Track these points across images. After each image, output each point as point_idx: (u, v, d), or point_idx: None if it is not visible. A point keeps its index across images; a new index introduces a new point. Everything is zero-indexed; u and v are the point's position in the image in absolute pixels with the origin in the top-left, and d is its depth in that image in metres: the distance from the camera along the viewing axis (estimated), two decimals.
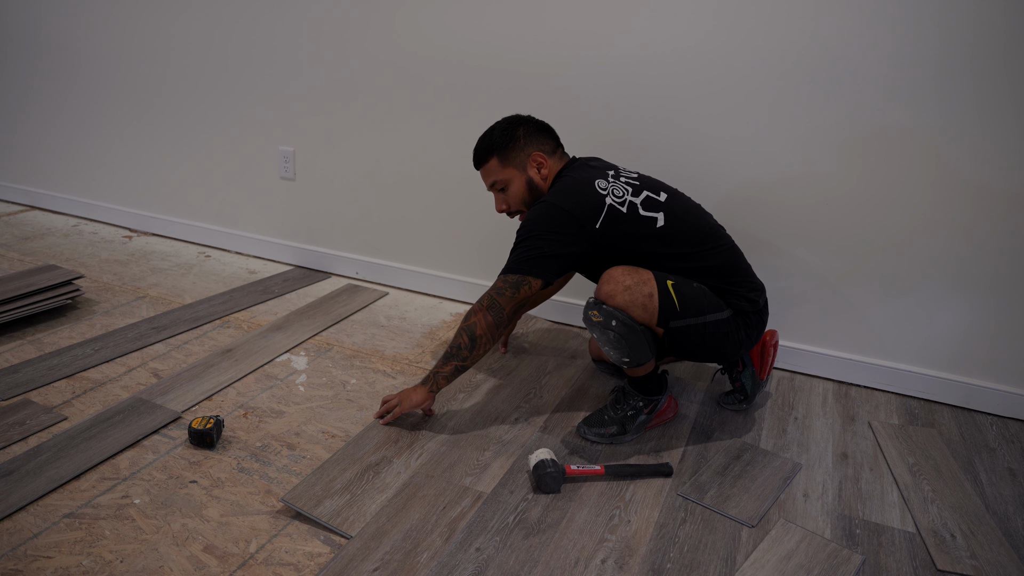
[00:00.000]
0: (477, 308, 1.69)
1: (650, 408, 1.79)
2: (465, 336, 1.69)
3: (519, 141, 1.78)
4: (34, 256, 2.87)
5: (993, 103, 1.83)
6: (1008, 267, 1.92)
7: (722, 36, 2.02)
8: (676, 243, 1.70)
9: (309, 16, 2.55)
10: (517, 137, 1.78)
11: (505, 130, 1.79)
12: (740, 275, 1.75)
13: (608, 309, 1.61)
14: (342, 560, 1.35)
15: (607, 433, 1.77)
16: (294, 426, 1.78)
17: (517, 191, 1.81)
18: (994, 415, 2.02)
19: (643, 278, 1.63)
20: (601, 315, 1.62)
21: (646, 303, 1.61)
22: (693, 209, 1.78)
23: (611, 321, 1.61)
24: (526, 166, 1.79)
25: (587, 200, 1.67)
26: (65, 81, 3.20)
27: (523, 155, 1.78)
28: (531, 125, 1.81)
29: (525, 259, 1.66)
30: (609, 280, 1.63)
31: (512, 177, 1.80)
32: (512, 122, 1.81)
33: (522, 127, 1.80)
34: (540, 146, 1.79)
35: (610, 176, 1.74)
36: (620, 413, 1.78)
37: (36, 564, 1.30)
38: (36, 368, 1.98)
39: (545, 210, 1.68)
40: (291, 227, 2.90)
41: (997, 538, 1.51)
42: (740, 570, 1.38)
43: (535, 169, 1.79)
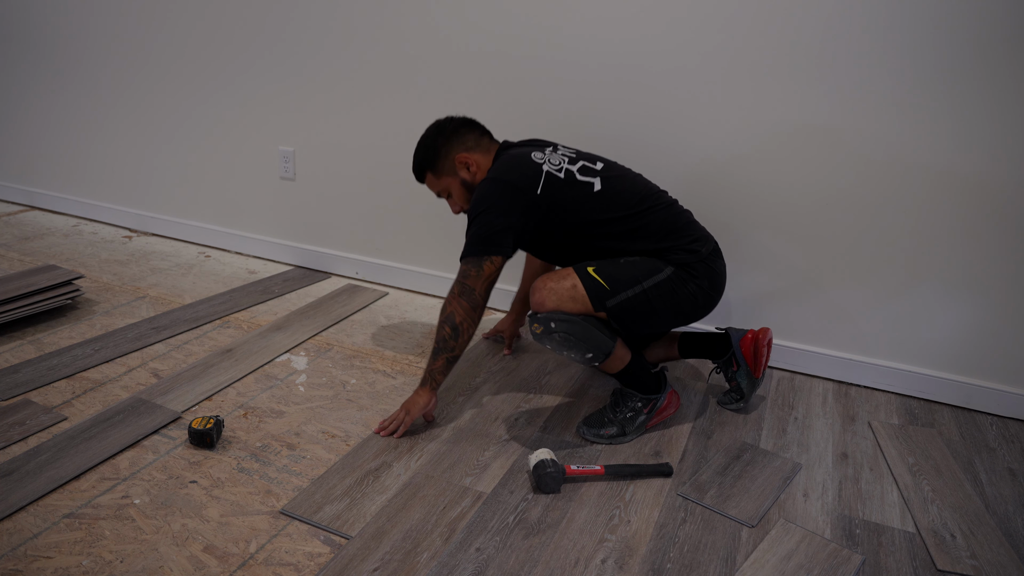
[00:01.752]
0: (450, 298, 1.72)
1: (649, 407, 1.79)
2: (447, 328, 1.72)
3: (440, 151, 1.84)
4: (34, 256, 2.87)
5: (994, 103, 1.82)
6: (1008, 267, 1.92)
7: (715, 26, 2.02)
8: (613, 206, 1.73)
9: (309, 17, 2.55)
10: (438, 148, 1.84)
11: (427, 145, 1.86)
12: (680, 230, 1.76)
13: (543, 316, 1.65)
14: (342, 560, 1.35)
15: (606, 434, 1.78)
16: (294, 426, 1.78)
17: (458, 194, 1.87)
18: (994, 415, 2.02)
19: (562, 275, 1.68)
20: (540, 324, 1.65)
21: (572, 295, 1.65)
22: (629, 175, 1.83)
23: (550, 324, 1.64)
24: (456, 170, 1.84)
25: (524, 170, 1.72)
26: (65, 81, 3.20)
27: (448, 162, 1.84)
28: (447, 129, 1.85)
29: (479, 239, 1.70)
30: (534, 291, 1.68)
31: (449, 183, 1.87)
32: (429, 134, 1.87)
33: (439, 136, 1.85)
34: (461, 146, 1.84)
35: (547, 150, 1.80)
36: (620, 415, 1.79)
37: (36, 564, 1.30)
38: (36, 368, 1.98)
39: (487, 187, 1.72)
40: (291, 227, 2.90)
41: (997, 538, 1.51)
42: (740, 570, 1.38)
43: (464, 170, 1.84)
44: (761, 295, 2.20)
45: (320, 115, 2.67)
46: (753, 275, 2.19)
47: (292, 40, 2.62)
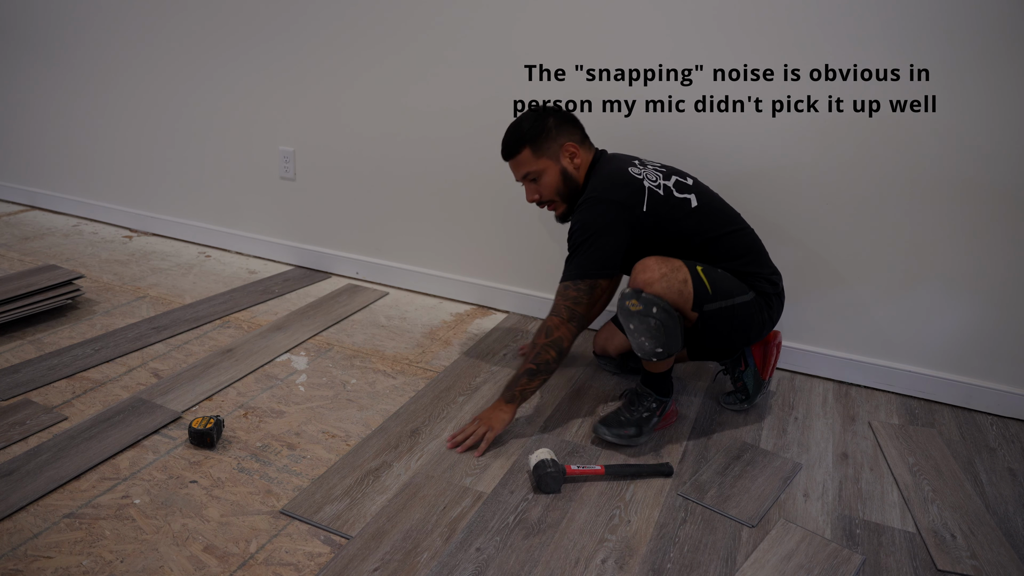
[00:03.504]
0: (558, 322, 1.69)
1: (660, 409, 1.80)
2: (552, 351, 1.69)
3: (551, 132, 1.77)
4: (34, 256, 2.87)
5: (994, 102, 1.82)
6: (1008, 267, 1.92)
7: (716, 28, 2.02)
8: (709, 223, 1.75)
9: (310, 17, 2.55)
10: (548, 128, 1.77)
11: (536, 121, 1.78)
12: (760, 258, 1.81)
13: (648, 297, 1.62)
14: (342, 560, 1.35)
15: (626, 434, 1.76)
16: (294, 426, 1.78)
17: (551, 181, 1.80)
18: (994, 415, 2.02)
19: (675, 265, 1.66)
20: (641, 303, 1.62)
21: (682, 289, 1.64)
22: (716, 196, 1.84)
23: (652, 308, 1.62)
24: (559, 156, 1.78)
25: (629, 186, 1.71)
26: (65, 81, 3.20)
27: (556, 145, 1.78)
28: (560, 115, 1.81)
29: (593, 262, 1.68)
30: (644, 269, 1.64)
31: (546, 168, 1.79)
32: (541, 112, 1.80)
33: (552, 117, 1.79)
34: (570, 136, 1.79)
35: (638, 164, 1.78)
36: (636, 415, 1.78)
37: (36, 564, 1.30)
38: (36, 368, 1.98)
39: (595, 207, 1.69)
40: (291, 227, 2.90)
41: (997, 538, 1.51)
42: (740, 570, 1.38)
43: (568, 159, 1.79)
44: None
45: (320, 115, 2.67)
46: None
47: (293, 40, 2.62)
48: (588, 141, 1.86)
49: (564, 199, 1.83)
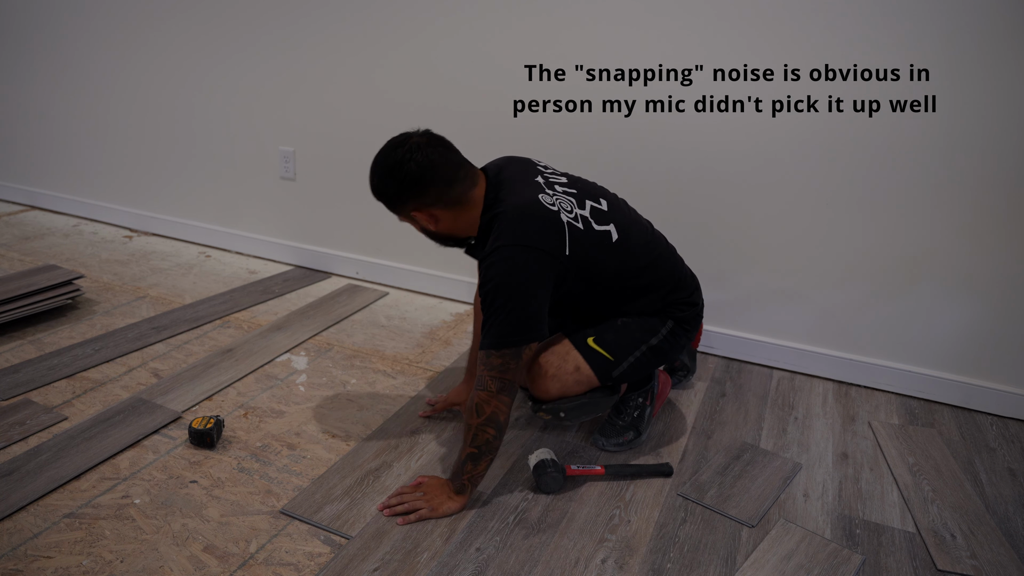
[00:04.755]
0: (487, 396, 1.43)
1: (649, 397, 1.78)
2: (490, 430, 1.45)
3: (394, 201, 1.52)
4: (34, 256, 2.87)
5: (995, 102, 1.82)
6: (1008, 267, 1.92)
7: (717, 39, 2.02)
8: (631, 260, 1.57)
9: (310, 17, 2.55)
10: (390, 196, 1.51)
11: (379, 189, 1.52)
12: (683, 281, 1.68)
13: (549, 406, 1.60)
14: (342, 560, 1.35)
15: (625, 441, 1.75)
16: (294, 426, 1.78)
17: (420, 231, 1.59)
18: (994, 415, 2.02)
19: (560, 353, 1.57)
20: (548, 414, 1.62)
21: (577, 377, 1.57)
22: (631, 214, 1.67)
23: (559, 413, 1.61)
24: (413, 219, 1.54)
25: (547, 226, 1.45)
26: (65, 81, 3.20)
27: (404, 208, 1.52)
28: (399, 176, 1.47)
29: (515, 327, 1.41)
30: (534, 378, 1.58)
31: (411, 222, 1.56)
32: (381, 170, 1.51)
33: (391, 183, 1.49)
34: (419, 202, 1.49)
35: (545, 187, 1.52)
36: (628, 417, 1.76)
37: (36, 564, 1.30)
38: (36, 368, 1.98)
39: (514, 256, 1.41)
40: (291, 227, 2.90)
41: (997, 538, 1.51)
42: (740, 570, 1.38)
43: (423, 222, 1.54)
44: (761, 295, 2.20)
45: (320, 115, 2.67)
46: (753, 275, 2.19)
47: (293, 40, 2.62)
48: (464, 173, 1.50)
49: (453, 243, 1.60)
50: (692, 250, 2.21)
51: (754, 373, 2.20)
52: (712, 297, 2.25)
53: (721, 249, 2.20)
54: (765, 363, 2.24)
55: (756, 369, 2.22)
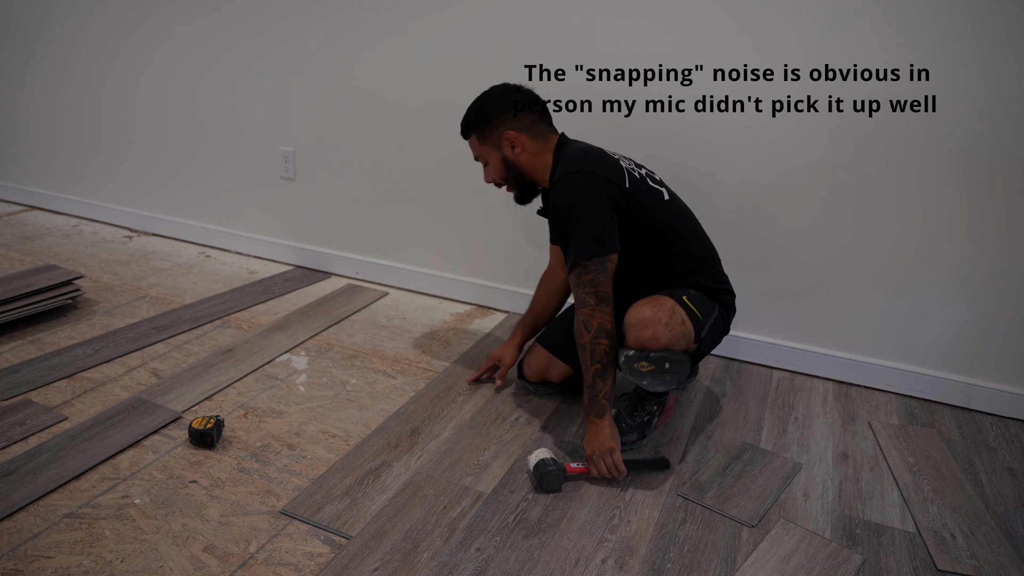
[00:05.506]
0: (590, 311, 1.57)
1: (660, 409, 1.78)
2: (604, 340, 1.57)
3: (492, 120, 1.74)
4: (34, 256, 2.87)
5: (995, 102, 1.83)
6: (1008, 267, 1.92)
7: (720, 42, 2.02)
8: (680, 219, 1.74)
9: (311, 17, 2.55)
10: (491, 115, 1.74)
11: (481, 108, 1.76)
12: (719, 267, 1.80)
13: (657, 355, 1.56)
14: (342, 560, 1.35)
15: (629, 441, 1.73)
16: (294, 426, 1.79)
17: (495, 167, 1.79)
18: (994, 415, 2.02)
19: (670, 306, 1.59)
20: (652, 363, 1.56)
21: (684, 331, 1.59)
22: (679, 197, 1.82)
23: (664, 364, 1.56)
24: (500, 144, 1.75)
25: (607, 163, 1.66)
26: (65, 81, 3.20)
27: (496, 134, 1.74)
28: (509, 100, 1.74)
29: (597, 238, 1.57)
30: (643, 324, 1.56)
31: (490, 154, 1.77)
32: (489, 97, 1.76)
33: (497, 104, 1.74)
34: (515, 124, 1.73)
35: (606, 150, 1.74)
36: (638, 419, 1.75)
37: (36, 564, 1.30)
38: (36, 368, 1.98)
39: (580, 179, 1.61)
40: (291, 227, 2.90)
41: (997, 538, 1.51)
42: (740, 570, 1.38)
43: (509, 148, 1.75)
44: (761, 295, 2.20)
45: (320, 115, 2.67)
46: (753, 274, 2.19)
47: (293, 39, 2.62)
48: (546, 125, 1.78)
49: (513, 185, 1.81)
50: None
51: (754, 373, 2.20)
52: None
53: (721, 249, 2.18)
54: (765, 363, 2.24)
55: (756, 369, 2.22)
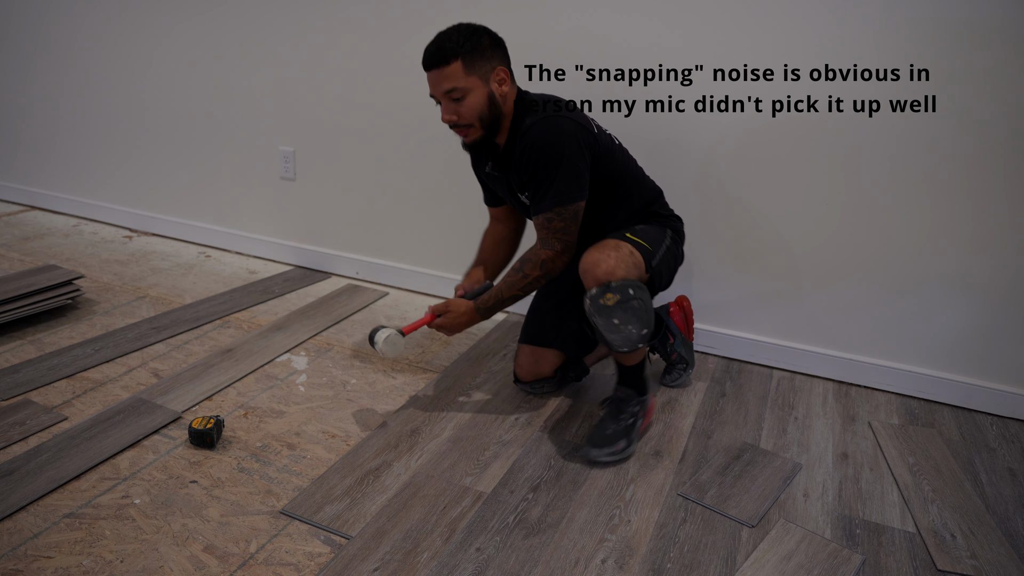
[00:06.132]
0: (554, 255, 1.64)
1: (642, 410, 1.76)
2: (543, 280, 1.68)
3: (486, 51, 1.62)
4: (34, 256, 2.87)
5: (995, 102, 1.82)
6: (1008, 267, 1.92)
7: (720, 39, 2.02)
8: (629, 161, 1.79)
9: (311, 17, 2.55)
10: (484, 45, 1.62)
11: (471, 35, 1.61)
12: (663, 195, 1.89)
13: (618, 284, 1.56)
14: (342, 560, 1.35)
15: (618, 450, 1.68)
16: (294, 426, 1.79)
17: (476, 103, 1.62)
18: (994, 415, 2.02)
19: (612, 244, 1.62)
20: (616, 293, 1.55)
21: (634, 260, 1.62)
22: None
23: (628, 291, 1.55)
24: (489, 79, 1.63)
25: (578, 112, 1.67)
26: (65, 81, 3.20)
27: (489, 66, 1.62)
28: (494, 37, 1.66)
29: (572, 185, 1.60)
30: (596, 263, 1.59)
31: (474, 87, 1.61)
32: (477, 29, 1.63)
33: (489, 37, 1.64)
34: (503, 61, 1.67)
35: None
36: (623, 423, 1.71)
37: (36, 564, 1.30)
38: (36, 368, 1.98)
39: (558, 124, 1.60)
40: (291, 227, 2.90)
41: (997, 538, 1.51)
42: (740, 570, 1.38)
43: (497, 84, 1.64)
44: (761, 294, 2.20)
45: (320, 115, 2.67)
46: (753, 274, 2.19)
47: (293, 39, 2.62)
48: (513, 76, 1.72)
49: (483, 126, 1.66)
50: (693, 250, 2.22)
51: (754, 373, 2.20)
52: (712, 297, 2.25)
53: (721, 249, 2.20)
54: (765, 363, 2.24)
55: (756, 369, 2.22)
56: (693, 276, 2.26)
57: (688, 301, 2.11)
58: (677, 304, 2.10)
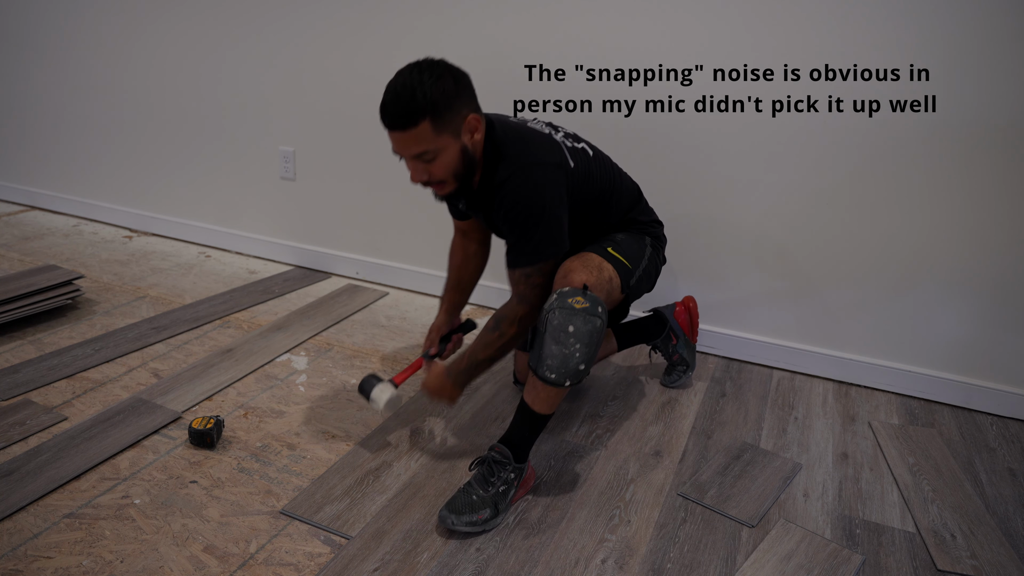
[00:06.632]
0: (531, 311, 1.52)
1: (518, 479, 1.52)
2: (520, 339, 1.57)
3: (454, 100, 1.38)
4: (34, 256, 2.87)
5: (994, 102, 1.82)
6: (1008, 267, 1.92)
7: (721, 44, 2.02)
8: (604, 169, 1.65)
9: (310, 17, 2.55)
10: (451, 94, 1.37)
11: (435, 82, 1.35)
12: (642, 196, 1.77)
13: (593, 296, 1.42)
14: (342, 560, 1.35)
15: (479, 520, 1.43)
16: (294, 426, 1.79)
17: (449, 162, 1.42)
18: (994, 415, 2.02)
19: (596, 263, 1.52)
20: (588, 301, 1.41)
21: (610, 287, 1.54)
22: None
23: (597, 308, 1.41)
24: (461, 131, 1.41)
25: (547, 144, 1.51)
26: (65, 81, 3.20)
27: (459, 117, 1.40)
28: (456, 74, 1.40)
29: (552, 239, 1.48)
30: (574, 270, 1.48)
31: (446, 145, 1.40)
32: (438, 71, 1.37)
33: (451, 78, 1.38)
34: (471, 104, 1.43)
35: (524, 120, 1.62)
36: (492, 490, 1.47)
37: (36, 564, 1.30)
38: (36, 368, 1.98)
39: (530, 177, 1.45)
40: (291, 227, 2.90)
41: (997, 538, 1.51)
42: (740, 570, 1.38)
43: (470, 135, 1.43)
44: (761, 295, 2.20)
45: (320, 115, 2.67)
46: (753, 274, 2.19)
47: (293, 39, 2.62)
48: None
49: (457, 180, 1.48)
50: (693, 249, 2.22)
51: (754, 373, 2.20)
52: (712, 297, 2.25)
53: (722, 249, 2.20)
54: (765, 363, 2.24)
55: (756, 369, 2.22)
56: (693, 276, 2.26)
57: (694, 302, 2.07)
58: (683, 305, 2.06)
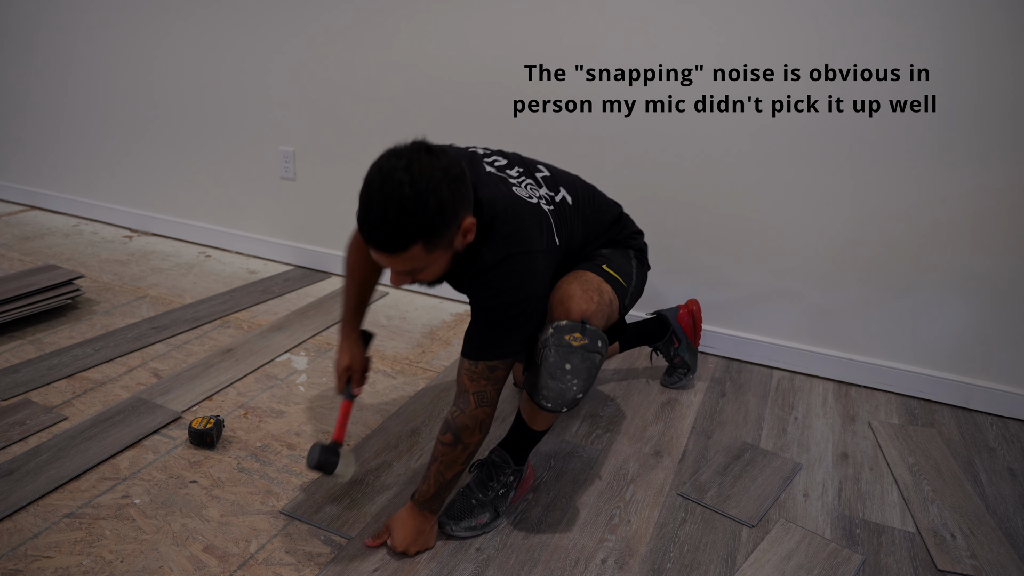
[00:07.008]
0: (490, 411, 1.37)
1: (517, 480, 1.51)
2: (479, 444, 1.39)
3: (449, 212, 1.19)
4: (34, 256, 2.87)
5: (994, 102, 1.82)
6: (1008, 267, 1.92)
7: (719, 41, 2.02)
8: (590, 211, 1.54)
9: (310, 17, 2.55)
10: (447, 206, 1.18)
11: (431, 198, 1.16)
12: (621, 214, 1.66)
13: (592, 329, 1.33)
14: (342, 560, 1.35)
15: (479, 524, 1.44)
16: (294, 426, 1.79)
17: (439, 270, 1.29)
18: (994, 415, 2.02)
19: (595, 284, 1.42)
20: (586, 336, 1.32)
21: (609, 312, 1.44)
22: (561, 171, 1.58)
23: (597, 342, 1.32)
24: (455, 239, 1.25)
25: (536, 221, 1.35)
26: (65, 81, 3.20)
27: (455, 227, 1.22)
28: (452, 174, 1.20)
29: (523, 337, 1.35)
30: (573, 299, 1.36)
31: (436, 259, 1.25)
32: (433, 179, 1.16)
33: (446, 186, 1.17)
34: (466, 201, 1.24)
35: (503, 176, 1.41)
36: (491, 493, 1.46)
37: (36, 564, 1.30)
38: (36, 368, 1.98)
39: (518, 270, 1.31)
40: (291, 227, 2.90)
41: (997, 538, 1.51)
42: (740, 570, 1.38)
43: (463, 236, 1.26)
44: (761, 295, 2.20)
45: (320, 115, 2.67)
46: (753, 274, 2.19)
47: (292, 39, 2.62)
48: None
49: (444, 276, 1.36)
50: (693, 249, 2.22)
51: (754, 373, 2.20)
52: (712, 297, 2.25)
53: (722, 249, 2.20)
54: (765, 363, 2.24)
55: (756, 369, 2.22)
56: (693, 275, 2.26)
57: (698, 306, 2.05)
58: (687, 308, 2.04)
